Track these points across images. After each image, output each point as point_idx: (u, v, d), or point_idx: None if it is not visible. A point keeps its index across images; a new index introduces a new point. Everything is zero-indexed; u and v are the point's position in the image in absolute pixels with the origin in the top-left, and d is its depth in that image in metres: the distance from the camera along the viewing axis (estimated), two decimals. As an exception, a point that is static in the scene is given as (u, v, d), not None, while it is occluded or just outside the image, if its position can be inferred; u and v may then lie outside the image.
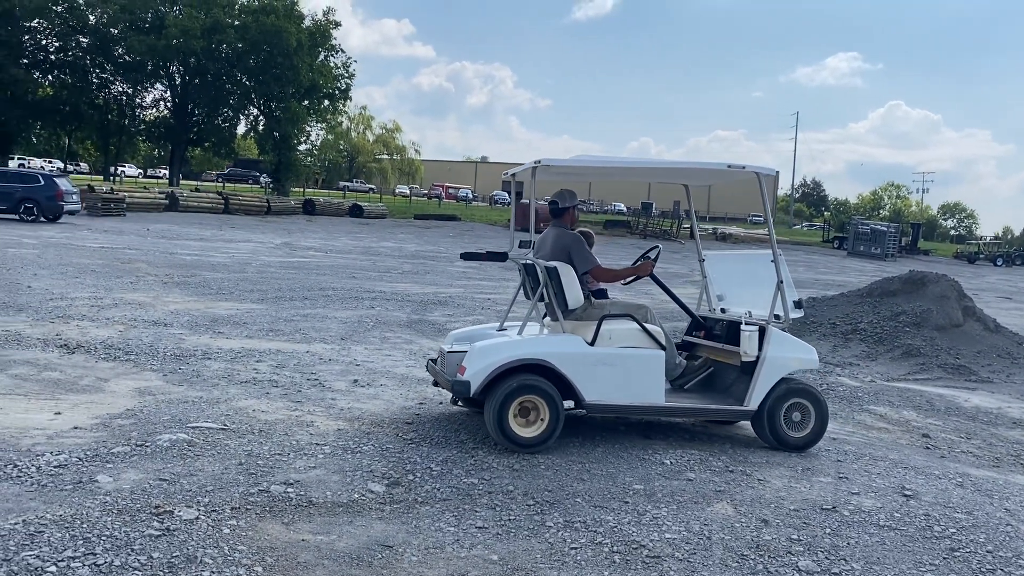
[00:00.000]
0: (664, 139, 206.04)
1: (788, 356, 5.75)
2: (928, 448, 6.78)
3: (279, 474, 4.67)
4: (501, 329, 6.06)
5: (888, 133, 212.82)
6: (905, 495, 5.08)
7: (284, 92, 51.27)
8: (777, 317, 5.74)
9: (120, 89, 54.19)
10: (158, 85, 54.38)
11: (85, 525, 3.78)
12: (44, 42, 51.32)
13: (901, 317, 11.32)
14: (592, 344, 5.48)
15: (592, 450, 5.53)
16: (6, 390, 6.14)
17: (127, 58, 50.19)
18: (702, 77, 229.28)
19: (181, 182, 53.12)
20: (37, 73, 50.85)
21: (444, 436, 5.63)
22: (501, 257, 5.64)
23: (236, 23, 49.31)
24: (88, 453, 4.76)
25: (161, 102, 55.95)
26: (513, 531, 4.16)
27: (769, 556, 4.05)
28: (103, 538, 3.66)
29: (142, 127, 57.06)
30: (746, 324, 5.70)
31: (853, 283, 21.84)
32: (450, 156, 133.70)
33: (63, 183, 26.19)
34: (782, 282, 5.65)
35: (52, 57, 51.67)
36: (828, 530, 4.42)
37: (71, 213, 26.43)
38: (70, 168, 64.50)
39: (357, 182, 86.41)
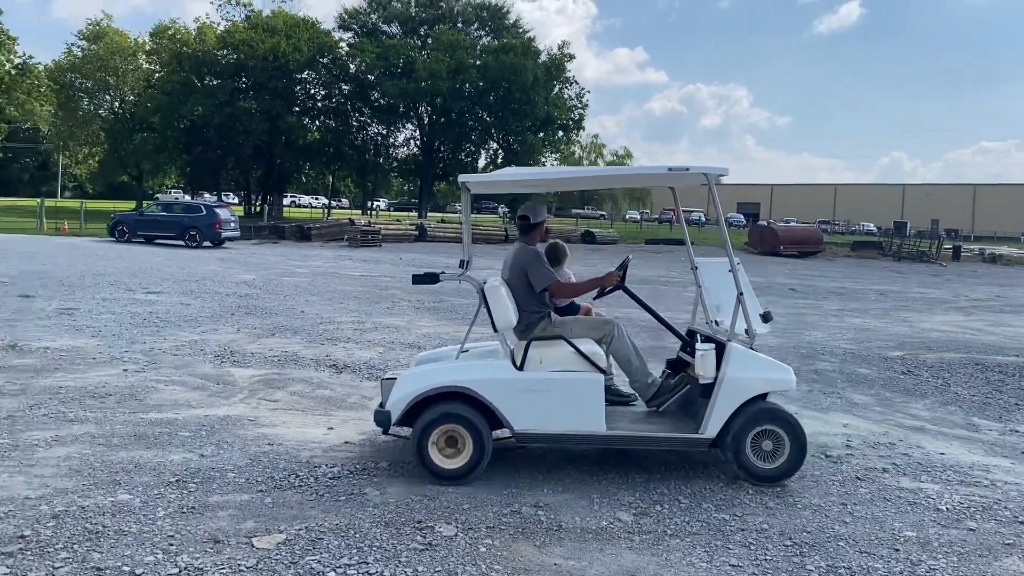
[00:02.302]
0: (920, 153, 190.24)
1: (753, 377, 5.08)
2: None
3: (529, 496, 4.78)
4: (464, 351, 5.66)
5: None
6: None
7: (521, 125, 53.34)
8: (747, 332, 5.16)
9: (376, 130, 59.20)
10: (408, 125, 58.77)
11: (358, 535, 4.07)
12: (312, 92, 57.34)
13: None
14: (520, 368, 5.10)
15: (854, 491, 5.14)
16: (287, 406, 6.82)
17: (382, 102, 54.69)
18: (962, 84, 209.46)
19: (429, 214, 56.74)
20: (306, 120, 56.85)
21: (691, 467, 5.48)
22: (433, 279, 5.34)
23: (478, 63, 52.09)
24: (358, 467, 5.15)
25: (411, 141, 60.44)
26: (770, 572, 3.94)
27: (1078, 625, 3.52)
28: (374, 548, 3.93)
29: (394, 164, 61.83)
30: (702, 342, 5.26)
31: None
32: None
33: (223, 213, 29.25)
34: (742, 294, 5.11)
35: (319, 104, 57.60)
36: None
37: (230, 239, 29.39)
38: (333, 203, 71.23)
39: (588, 209, 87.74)
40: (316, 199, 79.29)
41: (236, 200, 72.29)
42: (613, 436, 5.04)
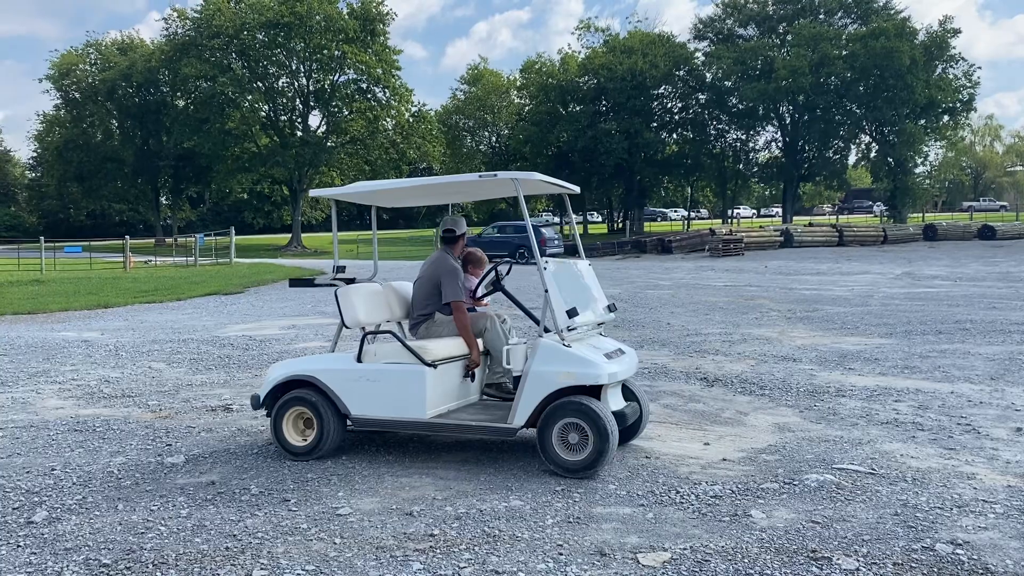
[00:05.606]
0: None
1: (556, 371, 5.16)
2: None
3: (943, 531, 4.15)
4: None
5: None
6: None
7: (897, 114, 48.71)
8: (571, 329, 5.32)
9: (734, 136, 58.08)
10: (768, 127, 56.72)
11: (746, 560, 3.83)
12: (669, 105, 57.93)
13: None
14: (359, 360, 5.66)
15: None
16: (659, 418, 6.76)
17: (739, 107, 53.46)
18: None
19: (794, 219, 54.11)
20: (664, 134, 57.52)
21: None
22: (309, 283, 5.10)
23: (844, 53, 48.64)
24: (739, 486, 4.90)
25: (772, 143, 58.26)
26: None
27: None
28: (764, 576, 3.66)
29: (755, 169, 60.01)
30: (515, 338, 5.80)
31: None
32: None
33: (547, 232, 33.43)
34: (547, 291, 5.25)
35: (676, 117, 58.02)
36: None
37: (553, 255, 31.77)
38: (692, 214, 71.23)
39: (985, 200, 77.34)
40: (675, 211, 79.82)
41: (599, 219, 75.50)
42: (433, 423, 5.49)
